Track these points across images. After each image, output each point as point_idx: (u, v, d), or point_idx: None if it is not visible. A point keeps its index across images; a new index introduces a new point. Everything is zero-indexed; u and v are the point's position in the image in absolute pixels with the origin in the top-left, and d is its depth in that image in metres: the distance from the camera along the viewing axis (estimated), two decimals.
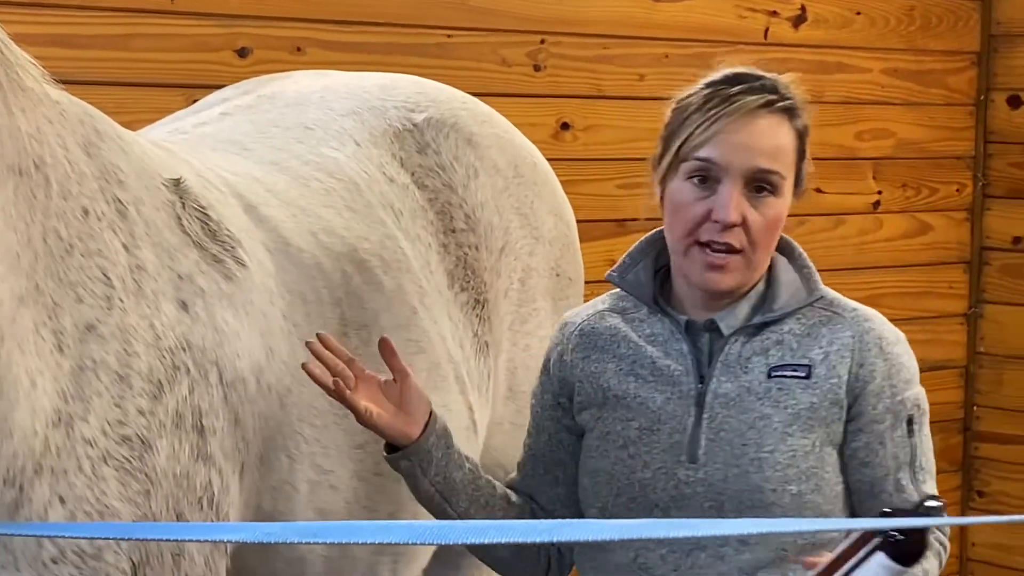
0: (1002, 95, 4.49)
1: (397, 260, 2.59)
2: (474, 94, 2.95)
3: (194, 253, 2.20)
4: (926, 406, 2.43)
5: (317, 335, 2.30)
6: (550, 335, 2.55)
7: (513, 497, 2.50)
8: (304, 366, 2.27)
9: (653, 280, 2.45)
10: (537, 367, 2.71)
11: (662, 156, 2.43)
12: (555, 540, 2.26)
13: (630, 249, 2.51)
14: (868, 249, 4.37)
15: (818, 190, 4.27)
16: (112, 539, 1.98)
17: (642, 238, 2.52)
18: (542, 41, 3.75)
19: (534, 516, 2.51)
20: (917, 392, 2.42)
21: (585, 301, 3.04)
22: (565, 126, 3.83)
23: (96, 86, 3.04)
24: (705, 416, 2.36)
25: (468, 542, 2.41)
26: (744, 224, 2.33)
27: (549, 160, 3.00)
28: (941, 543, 2.41)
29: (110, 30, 3.18)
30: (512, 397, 2.85)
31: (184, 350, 2.12)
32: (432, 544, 2.58)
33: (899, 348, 2.41)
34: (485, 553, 2.51)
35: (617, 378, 2.42)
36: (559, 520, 2.38)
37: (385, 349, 2.37)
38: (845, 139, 4.31)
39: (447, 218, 2.71)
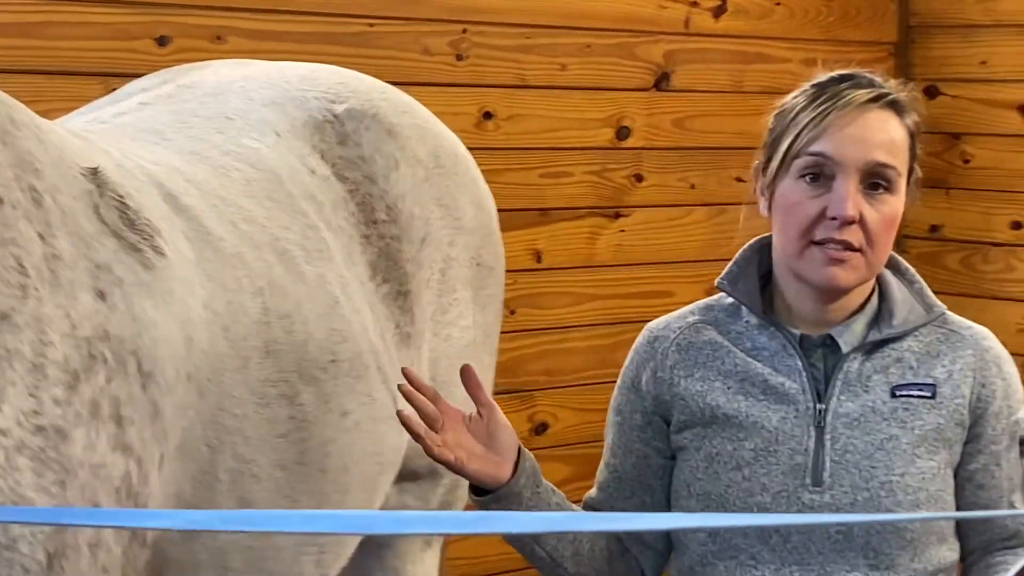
0: (919, 86, 4.51)
1: (319, 250, 2.57)
2: (396, 84, 2.93)
3: (112, 242, 2.18)
4: None
5: (403, 371, 2.29)
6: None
7: (602, 537, 2.44)
8: (399, 413, 2.28)
9: (759, 290, 2.39)
10: (458, 357, 2.69)
11: (768, 160, 2.36)
12: (481, 532, 2.24)
13: (736, 256, 2.44)
14: None
15: (739, 179, 4.29)
16: (28, 527, 1.95)
17: (745, 245, 2.44)
18: (464, 31, 3.75)
19: (620, 543, 2.46)
20: None
21: (506, 290, 3.04)
22: (488, 115, 3.83)
23: (12, 74, 3.01)
24: (827, 437, 2.30)
25: (394, 532, 2.40)
26: (861, 222, 2.27)
27: (472, 149, 2.98)
28: None
29: (26, 17, 3.15)
30: (434, 386, 2.84)
31: (101, 340, 2.10)
32: (359, 534, 2.56)
33: (1012, 368, 2.39)
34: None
35: (726, 396, 2.34)
36: (487, 512, 2.34)
37: (470, 380, 2.30)
38: (765, 129, 4.32)
39: (368, 209, 2.70)
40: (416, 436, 2.24)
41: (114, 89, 2.88)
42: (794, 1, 4.34)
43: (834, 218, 2.26)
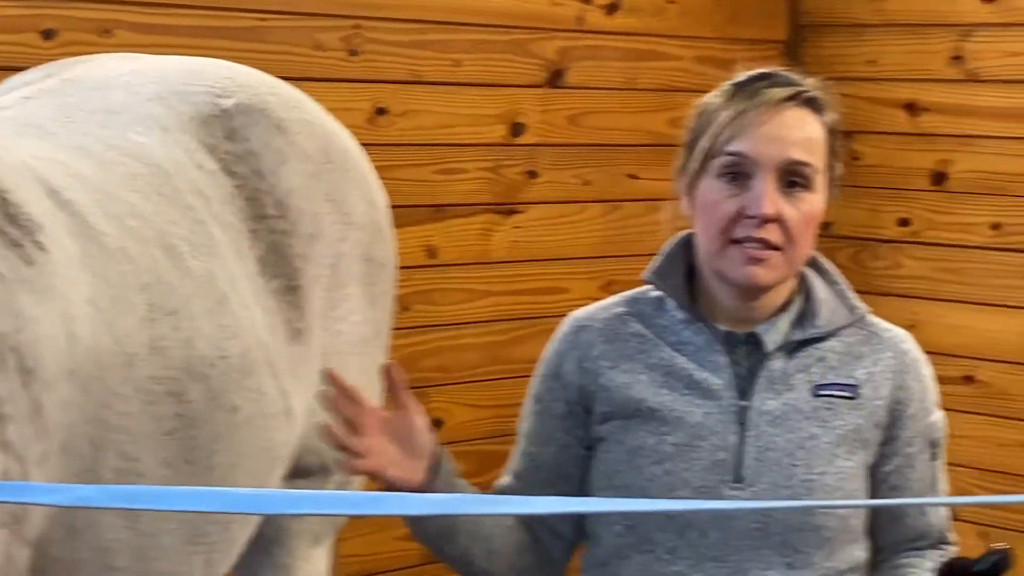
0: None
1: (207, 245, 2.55)
2: (288, 79, 2.91)
3: None
4: (946, 431, 2.43)
5: (327, 373, 2.27)
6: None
7: (510, 520, 2.43)
8: (324, 427, 2.27)
9: (685, 284, 2.39)
10: (349, 352, 2.67)
11: (687, 160, 2.36)
12: (375, 513, 2.21)
13: (663, 250, 2.43)
14: None
15: (633, 176, 4.31)
16: None
17: (672, 239, 2.43)
18: (357, 26, 3.73)
19: (532, 534, 2.44)
20: (941, 415, 2.42)
21: (400, 286, 3.03)
22: (381, 111, 3.81)
23: None
24: (750, 434, 2.31)
25: (285, 512, 2.35)
26: (780, 220, 2.28)
27: (365, 145, 2.97)
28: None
29: None
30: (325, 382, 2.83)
31: None
32: (253, 514, 2.53)
33: (929, 371, 2.42)
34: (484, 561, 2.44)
35: (650, 389, 2.35)
36: (380, 493, 2.33)
37: (393, 379, 2.29)
38: (659, 126, 4.34)
39: (257, 204, 2.68)
40: (339, 447, 2.22)
41: None
42: None
43: (752, 217, 2.27)
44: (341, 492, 2.48)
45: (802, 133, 2.32)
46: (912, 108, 4.42)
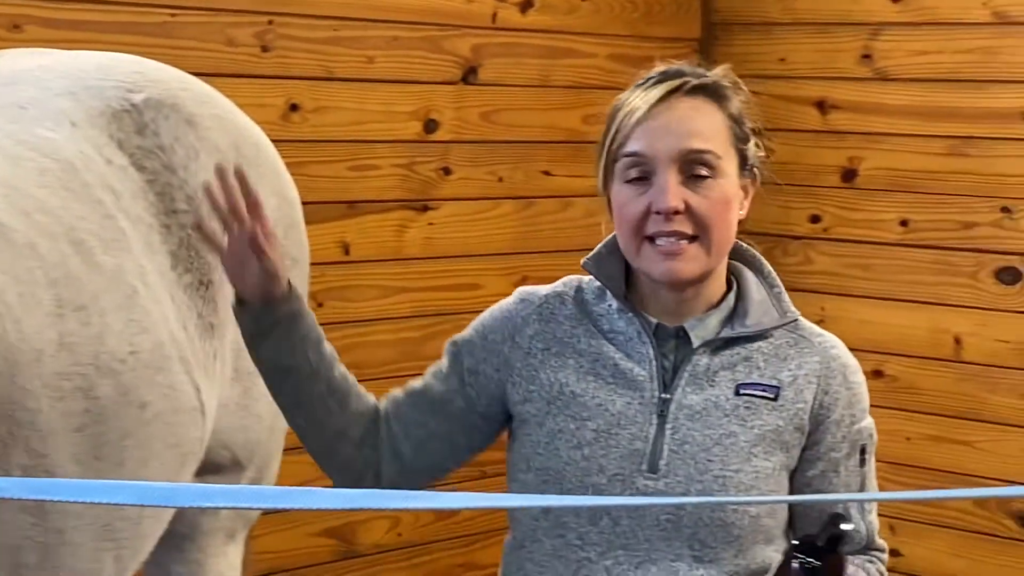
0: None
1: (116, 240, 2.53)
2: (200, 75, 2.90)
3: None
4: (876, 436, 2.42)
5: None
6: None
7: (367, 406, 2.41)
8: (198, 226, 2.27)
9: (623, 275, 2.38)
10: None
11: (599, 165, 2.36)
12: (284, 507, 2.19)
13: (605, 240, 2.41)
14: (595, 231, 4.37)
15: (546, 172, 4.32)
16: None
17: (614, 232, 2.41)
18: (270, 22, 3.71)
19: (377, 427, 2.42)
20: (871, 422, 2.40)
21: (313, 282, 3.02)
22: (294, 107, 3.80)
23: None
24: (668, 427, 2.30)
25: (196, 505, 2.29)
26: (689, 211, 2.27)
27: (278, 142, 2.96)
28: (881, 574, 2.42)
29: None
30: (238, 378, 2.81)
31: None
32: (164, 507, 2.50)
33: (859, 377, 2.39)
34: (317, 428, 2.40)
35: (576, 375, 2.34)
36: (290, 488, 2.28)
37: (254, 208, 2.27)
38: (572, 123, 4.36)
39: (168, 199, 2.66)
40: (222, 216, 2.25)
41: None
42: None
43: (659, 212, 2.28)
44: (252, 487, 2.46)
45: (695, 122, 2.31)
46: (822, 106, 4.46)
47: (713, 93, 2.34)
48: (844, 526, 2.19)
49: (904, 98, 4.34)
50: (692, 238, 2.29)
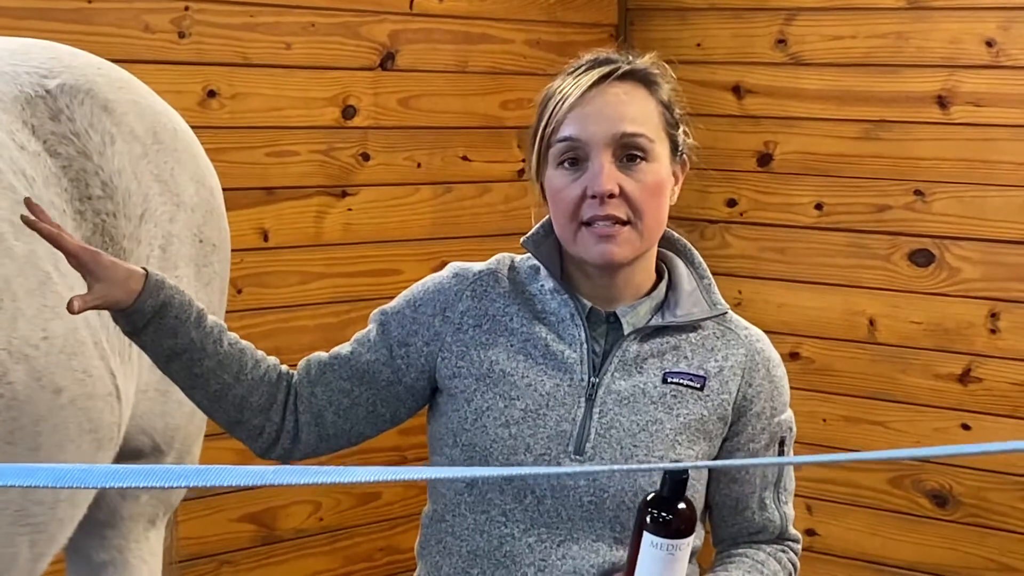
0: None
1: None
2: (116, 61, 2.88)
3: None
4: (795, 430, 2.43)
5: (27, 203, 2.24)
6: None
7: (266, 368, 2.40)
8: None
9: (558, 258, 2.38)
10: None
11: (533, 148, 2.36)
12: (198, 484, 2.17)
13: (543, 219, 2.41)
14: (514, 216, 4.42)
15: (464, 158, 4.31)
16: None
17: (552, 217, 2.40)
18: (186, 8, 3.69)
19: (277, 388, 2.41)
20: (791, 415, 2.42)
21: (233, 269, 3.01)
22: (212, 94, 3.78)
23: None
24: (596, 410, 2.31)
25: (111, 485, 2.26)
26: (623, 194, 2.28)
27: (196, 128, 2.94)
28: (793, 564, 2.44)
29: None
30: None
31: None
32: (79, 488, 2.48)
33: (781, 371, 2.41)
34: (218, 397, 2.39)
35: (507, 353, 2.34)
36: (205, 467, 2.25)
37: (59, 240, 2.25)
38: (491, 108, 4.36)
39: (82, 185, 2.64)
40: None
41: None
42: None
43: (594, 196, 2.28)
44: (167, 466, 2.45)
45: (627, 107, 2.31)
46: (738, 91, 4.48)
47: (643, 79, 2.36)
48: (680, 478, 2.19)
49: (818, 82, 4.36)
50: (626, 222, 2.30)
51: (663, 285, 2.39)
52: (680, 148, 2.38)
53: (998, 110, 4.11)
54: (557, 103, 2.33)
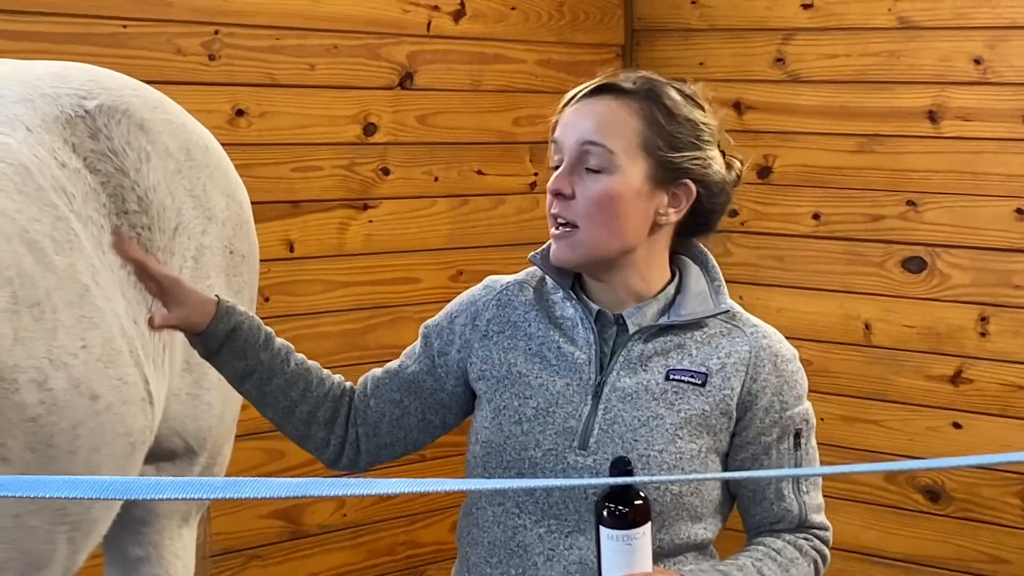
0: None
1: (69, 241, 2.51)
2: (150, 82, 2.89)
3: None
4: (814, 421, 2.40)
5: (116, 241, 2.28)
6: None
7: (329, 385, 2.45)
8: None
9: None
10: None
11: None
12: (228, 496, 2.16)
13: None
14: (526, 226, 4.43)
15: (479, 172, 4.32)
16: None
17: None
18: (216, 32, 3.70)
19: (338, 405, 2.45)
20: (806, 408, 2.39)
21: (260, 278, 3.01)
22: (240, 113, 3.78)
23: None
24: (601, 407, 2.31)
25: (150, 497, 2.27)
26: (574, 198, 2.29)
27: (225, 145, 2.95)
28: (819, 551, 2.41)
29: None
30: (189, 369, 2.80)
31: None
32: (117, 499, 2.50)
33: (793, 365, 2.37)
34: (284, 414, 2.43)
35: (524, 356, 2.36)
36: (236, 479, 2.27)
37: (145, 265, 2.28)
38: (504, 125, 4.36)
39: (119, 200, 2.65)
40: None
41: None
42: (528, 5, 4.37)
43: (549, 191, 2.31)
44: (202, 479, 2.46)
45: (599, 118, 2.29)
46: (739, 107, 4.47)
47: (633, 96, 2.33)
48: (625, 467, 2.20)
49: (815, 99, 4.36)
50: (572, 225, 2.30)
51: (671, 287, 2.39)
52: (679, 171, 2.34)
53: (986, 124, 4.10)
54: (558, 110, 2.36)
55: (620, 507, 2.17)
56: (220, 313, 2.36)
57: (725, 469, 2.37)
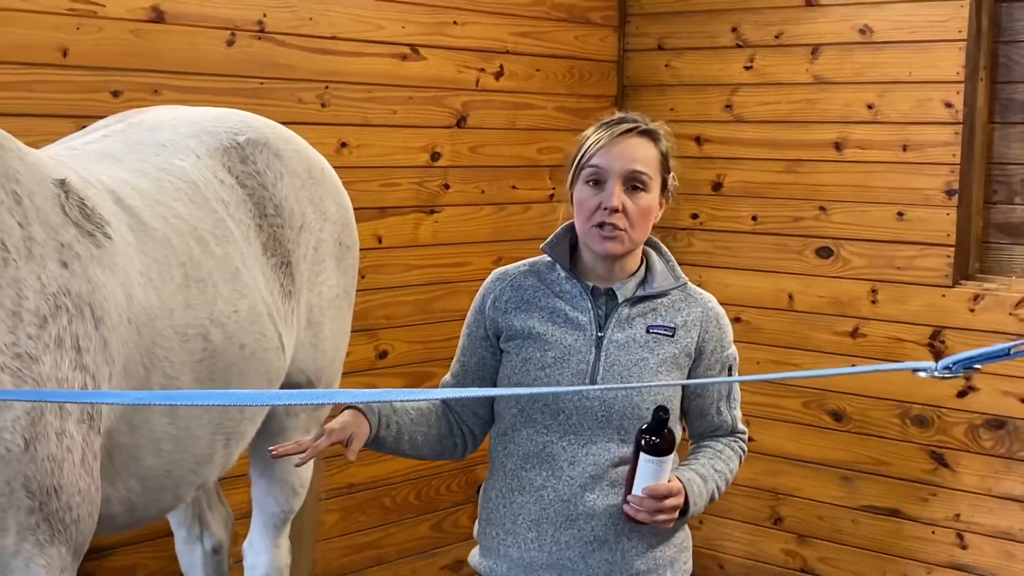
0: None
1: (225, 236, 2.52)
2: (282, 123, 2.90)
3: (73, 229, 2.11)
4: (738, 359, 2.45)
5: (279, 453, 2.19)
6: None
7: (436, 413, 2.42)
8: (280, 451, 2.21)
9: (568, 254, 2.40)
10: (328, 305, 2.64)
11: (569, 171, 2.36)
12: (326, 402, 2.12)
13: (557, 230, 2.43)
14: (546, 226, 4.40)
15: (513, 187, 4.30)
16: (9, 420, 1.86)
17: (563, 224, 2.44)
18: (326, 87, 3.69)
19: (449, 421, 2.43)
20: (735, 350, 2.43)
21: (359, 260, 3.01)
22: (343, 144, 3.78)
23: (10, 117, 2.89)
24: (603, 354, 2.32)
25: (270, 404, 2.20)
26: (624, 211, 2.29)
27: (335, 167, 2.97)
28: (743, 448, 2.45)
29: (21, 77, 3.02)
30: (310, 326, 2.81)
31: (64, 295, 2.03)
32: (250, 405, 2.48)
33: (725, 321, 2.42)
34: (407, 445, 2.41)
35: (539, 321, 2.36)
36: (331, 390, 2.41)
37: (319, 449, 2.23)
38: (531, 153, 4.34)
39: (261, 207, 2.65)
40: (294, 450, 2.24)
41: (83, 127, 2.78)
42: (548, 68, 4.35)
43: (606, 208, 2.29)
44: (305, 391, 2.46)
45: (639, 152, 2.32)
46: (699, 140, 4.45)
47: (652, 136, 2.35)
48: (663, 415, 2.24)
49: (754, 134, 4.33)
50: (622, 229, 2.30)
51: (643, 268, 2.40)
52: (668, 186, 2.38)
53: (876, 151, 4.08)
54: (592, 143, 2.34)
55: (655, 438, 2.21)
56: (372, 424, 2.32)
57: (683, 391, 2.39)
